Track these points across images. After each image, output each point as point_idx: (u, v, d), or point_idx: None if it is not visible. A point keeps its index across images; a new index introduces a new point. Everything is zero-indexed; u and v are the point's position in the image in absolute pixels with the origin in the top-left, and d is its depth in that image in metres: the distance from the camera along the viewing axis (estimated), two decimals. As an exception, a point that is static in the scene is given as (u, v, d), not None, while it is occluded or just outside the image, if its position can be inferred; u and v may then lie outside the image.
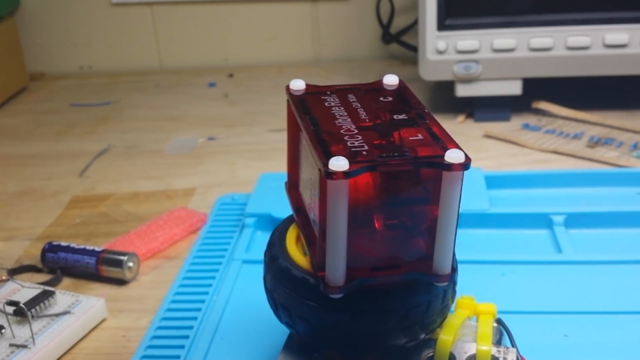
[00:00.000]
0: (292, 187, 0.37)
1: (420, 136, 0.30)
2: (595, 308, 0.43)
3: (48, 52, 1.00)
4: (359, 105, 0.34)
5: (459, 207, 0.29)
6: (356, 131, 0.31)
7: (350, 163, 0.27)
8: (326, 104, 0.34)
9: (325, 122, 0.32)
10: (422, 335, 0.33)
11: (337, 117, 0.32)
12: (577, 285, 0.45)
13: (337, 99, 0.34)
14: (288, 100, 0.35)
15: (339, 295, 0.30)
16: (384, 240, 0.31)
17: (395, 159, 0.28)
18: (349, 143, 0.30)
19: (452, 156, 0.28)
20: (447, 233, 0.29)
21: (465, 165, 0.28)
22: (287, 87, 0.35)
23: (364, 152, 0.29)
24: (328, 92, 0.35)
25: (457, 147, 0.29)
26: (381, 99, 0.34)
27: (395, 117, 0.32)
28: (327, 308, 0.31)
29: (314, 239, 0.32)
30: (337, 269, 0.29)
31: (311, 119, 0.32)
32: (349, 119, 0.32)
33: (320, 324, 0.32)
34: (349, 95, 0.35)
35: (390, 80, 0.36)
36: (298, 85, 0.35)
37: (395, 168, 0.29)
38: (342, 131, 0.31)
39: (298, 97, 0.34)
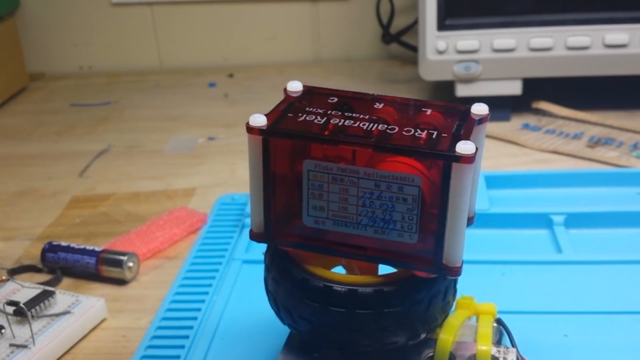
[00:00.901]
0: (275, 229, 0.34)
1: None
2: (595, 308, 0.43)
3: (48, 52, 1.00)
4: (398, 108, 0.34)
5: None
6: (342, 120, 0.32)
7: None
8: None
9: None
10: (424, 334, 0.33)
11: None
12: (577, 285, 0.45)
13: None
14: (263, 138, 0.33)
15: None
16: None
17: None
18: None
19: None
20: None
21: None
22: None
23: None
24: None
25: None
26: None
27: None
28: (329, 308, 0.31)
29: (389, 246, 0.32)
30: (460, 250, 0.30)
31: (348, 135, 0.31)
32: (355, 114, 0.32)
33: (322, 324, 0.32)
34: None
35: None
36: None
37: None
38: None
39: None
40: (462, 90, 0.72)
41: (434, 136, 0.30)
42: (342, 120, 0.32)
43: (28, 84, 0.95)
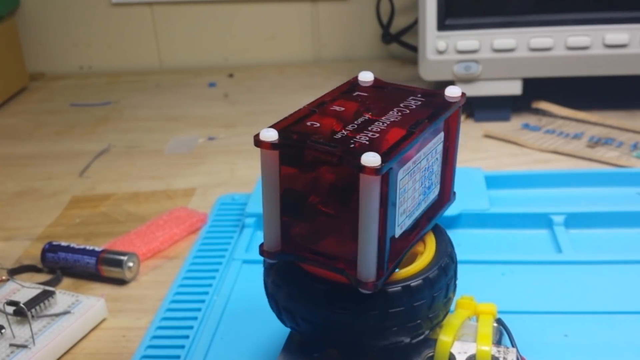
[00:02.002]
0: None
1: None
2: (595, 308, 0.43)
3: (48, 52, 1.00)
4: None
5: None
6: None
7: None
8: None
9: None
10: (427, 331, 0.33)
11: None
12: (577, 285, 0.45)
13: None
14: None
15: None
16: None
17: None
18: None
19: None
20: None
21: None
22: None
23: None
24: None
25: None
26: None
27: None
28: (333, 309, 0.31)
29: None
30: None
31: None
32: (353, 112, 0.32)
33: (326, 325, 0.32)
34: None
35: (365, 76, 0.37)
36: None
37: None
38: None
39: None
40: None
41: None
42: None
43: (28, 84, 0.95)
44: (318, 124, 0.31)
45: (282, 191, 0.30)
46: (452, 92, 0.34)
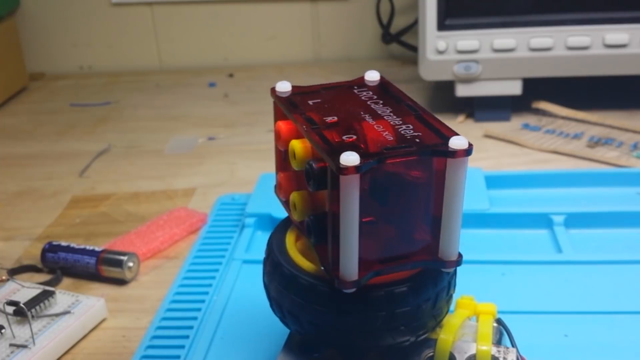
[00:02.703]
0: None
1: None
2: (595, 308, 0.43)
3: (48, 52, 1.00)
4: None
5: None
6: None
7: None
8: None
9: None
10: (431, 329, 0.33)
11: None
12: (577, 285, 0.45)
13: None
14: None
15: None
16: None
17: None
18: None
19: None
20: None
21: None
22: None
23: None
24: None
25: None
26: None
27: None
28: (338, 311, 0.31)
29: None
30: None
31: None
32: (336, 116, 0.32)
33: (331, 327, 0.32)
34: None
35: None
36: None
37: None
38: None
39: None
40: (462, 90, 0.72)
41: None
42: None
43: (28, 84, 0.95)
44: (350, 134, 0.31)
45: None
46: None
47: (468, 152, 0.29)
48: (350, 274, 0.30)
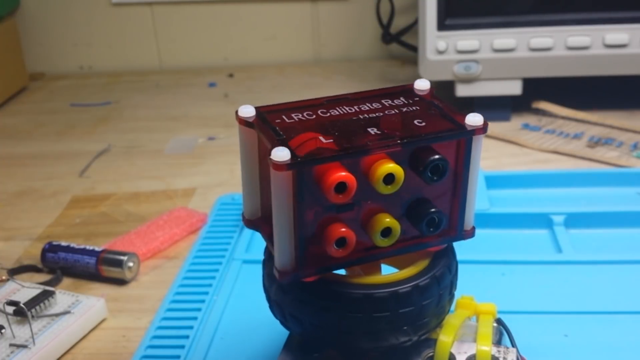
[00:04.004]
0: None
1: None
2: (595, 308, 0.43)
3: (48, 52, 1.00)
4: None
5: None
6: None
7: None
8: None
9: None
10: (433, 328, 0.33)
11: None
12: (577, 285, 0.45)
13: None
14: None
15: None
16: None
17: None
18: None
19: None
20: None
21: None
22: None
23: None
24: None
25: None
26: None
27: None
28: (342, 312, 0.31)
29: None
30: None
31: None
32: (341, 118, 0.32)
33: (335, 328, 0.32)
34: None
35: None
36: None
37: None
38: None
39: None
40: (462, 90, 0.72)
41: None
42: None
43: (28, 84, 0.95)
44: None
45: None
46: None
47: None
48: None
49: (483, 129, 0.31)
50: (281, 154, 0.28)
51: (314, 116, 0.32)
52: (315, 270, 0.31)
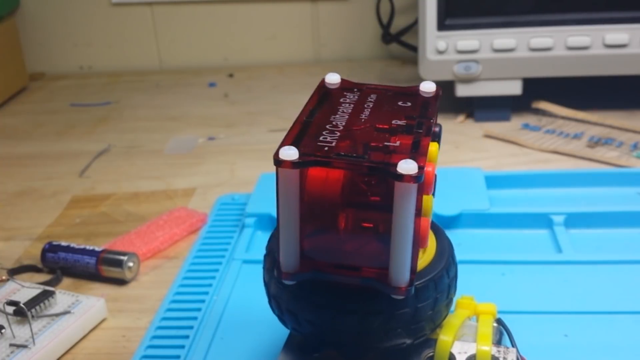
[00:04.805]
0: None
1: (399, 143, 0.30)
2: (595, 308, 0.43)
3: (48, 52, 1.00)
4: (369, 106, 0.33)
5: (413, 220, 0.28)
6: (341, 128, 0.31)
7: (302, 155, 0.28)
8: (342, 99, 0.34)
9: (323, 116, 0.32)
10: (429, 332, 0.33)
11: (338, 113, 0.32)
12: (577, 285, 0.45)
13: (355, 97, 0.34)
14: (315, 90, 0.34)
15: (292, 282, 0.30)
16: (347, 240, 0.30)
17: (348, 159, 0.28)
18: (321, 137, 0.30)
19: (404, 167, 0.27)
20: (400, 245, 0.28)
21: (416, 177, 0.27)
22: (323, 80, 0.35)
23: (326, 148, 0.29)
24: (355, 89, 0.35)
25: (422, 161, 0.28)
26: (400, 103, 0.34)
27: (394, 122, 0.32)
28: (336, 310, 0.31)
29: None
30: (289, 256, 0.30)
31: (311, 110, 0.32)
32: (346, 117, 0.32)
33: (328, 326, 0.32)
34: (371, 95, 0.34)
35: (425, 87, 0.35)
36: (333, 79, 0.35)
37: (344, 167, 0.28)
38: (328, 126, 0.31)
39: (326, 89, 0.35)
40: (462, 90, 0.72)
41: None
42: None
43: (28, 84, 0.95)
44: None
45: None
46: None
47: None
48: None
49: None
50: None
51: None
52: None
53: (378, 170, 0.28)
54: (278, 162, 0.28)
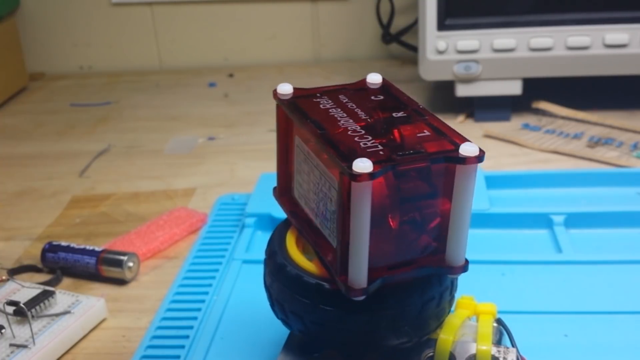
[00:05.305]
0: (283, 191, 0.36)
1: (426, 132, 0.31)
2: (595, 308, 0.43)
3: (48, 52, 1.00)
4: (354, 105, 0.33)
5: (472, 200, 0.30)
6: (363, 132, 0.31)
7: (375, 164, 0.27)
8: (321, 106, 0.33)
9: (329, 124, 0.31)
10: (434, 330, 0.33)
11: (338, 118, 0.32)
12: (577, 285, 0.45)
13: (329, 101, 0.34)
14: (278, 105, 0.34)
15: (362, 298, 0.30)
16: (399, 239, 0.30)
17: (412, 156, 0.29)
18: (361, 144, 0.29)
19: (467, 149, 0.29)
20: (461, 225, 0.30)
21: (480, 157, 0.29)
22: (275, 92, 0.34)
23: (380, 152, 0.29)
24: (318, 94, 0.35)
25: (466, 139, 0.30)
26: (372, 97, 0.34)
27: (394, 114, 0.32)
28: (346, 311, 0.31)
29: (323, 243, 0.32)
30: (360, 271, 0.29)
31: (314, 122, 0.32)
32: (351, 120, 0.32)
33: (335, 326, 0.32)
34: (340, 96, 0.34)
35: (374, 79, 0.36)
36: (285, 89, 0.34)
37: (415, 165, 0.29)
38: (349, 133, 0.31)
39: (288, 101, 0.34)
40: (462, 90, 0.72)
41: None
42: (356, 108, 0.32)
43: (28, 84, 0.95)
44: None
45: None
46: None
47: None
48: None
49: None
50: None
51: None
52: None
53: (449, 159, 0.29)
54: (354, 176, 0.27)
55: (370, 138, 0.30)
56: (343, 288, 0.30)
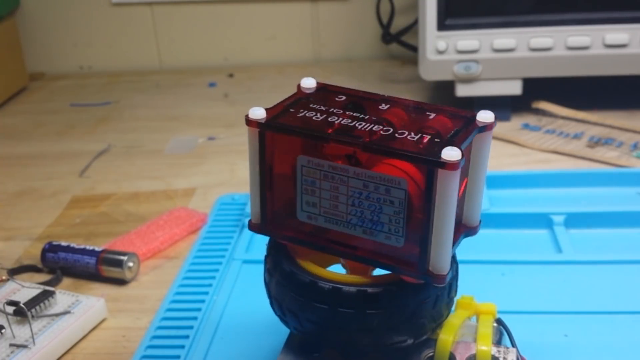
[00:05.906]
0: (270, 220, 0.35)
1: (429, 115, 0.32)
2: (595, 308, 0.43)
3: (48, 52, 1.00)
4: (339, 110, 0.33)
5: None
6: (390, 130, 0.31)
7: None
8: (314, 119, 0.33)
9: (352, 133, 0.31)
10: (431, 330, 0.33)
11: (354, 125, 0.32)
12: (577, 285, 0.45)
13: (313, 112, 0.33)
14: (260, 132, 0.32)
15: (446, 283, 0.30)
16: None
17: (455, 137, 0.30)
18: (408, 138, 0.30)
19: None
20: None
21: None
22: (253, 121, 0.33)
23: (426, 141, 0.30)
24: (291, 109, 0.34)
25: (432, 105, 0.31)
26: (336, 99, 0.34)
27: (379, 107, 0.33)
28: (336, 308, 0.31)
29: (377, 248, 0.31)
30: (446, 257, 0.30)
31: (340, 134, 0.31)
32: (362, 122, 0.32)
33: (329, 324, 0.32)
34: (312, 105, 0.33)
35: (308, 83, 0.35)
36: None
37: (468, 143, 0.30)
38: (382, 133, 0.31)
39: (271, 127, 0.33)
40: (462, 90, 0.72)
41: (433, 141, 0.30)
42: (348, 120, 0.31)
43: (28, 84, 0.95)
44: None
45: None
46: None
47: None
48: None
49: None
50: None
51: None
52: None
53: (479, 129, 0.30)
54: (441, 164, 0.28)
55: (403, 132, 0.30)
56: (431, 279, 0.30)
